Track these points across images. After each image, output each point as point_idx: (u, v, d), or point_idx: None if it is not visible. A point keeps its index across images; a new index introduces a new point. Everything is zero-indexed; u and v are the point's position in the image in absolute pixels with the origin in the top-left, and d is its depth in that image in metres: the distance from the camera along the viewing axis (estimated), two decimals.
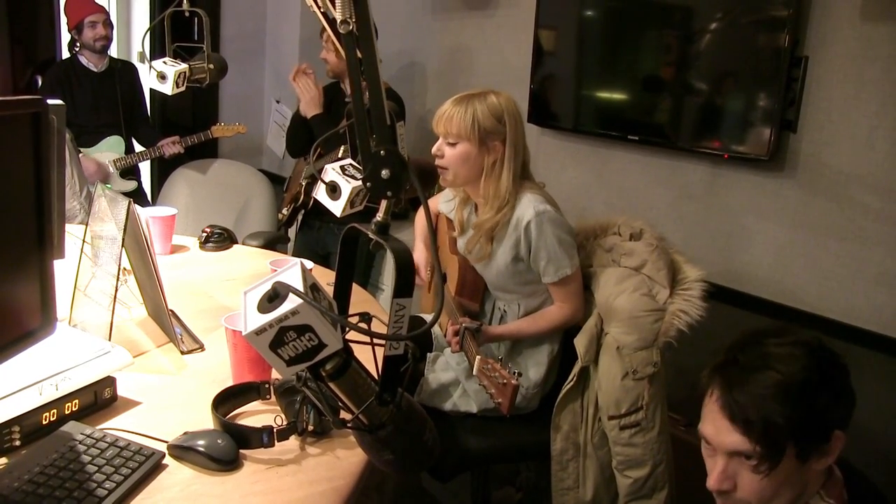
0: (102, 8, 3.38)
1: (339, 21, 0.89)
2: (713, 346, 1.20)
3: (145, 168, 4.04)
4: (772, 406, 1.06)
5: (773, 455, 1.07)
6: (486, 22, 3.33)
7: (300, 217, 3.37)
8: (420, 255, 2.23)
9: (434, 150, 1.89)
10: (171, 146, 3.47)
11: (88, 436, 1.15)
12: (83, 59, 3.38)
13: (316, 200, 3.92)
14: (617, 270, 1.93)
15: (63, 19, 3.47)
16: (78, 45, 3.37)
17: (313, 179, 3.32)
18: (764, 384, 1.08)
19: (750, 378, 1.09)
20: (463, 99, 1.86)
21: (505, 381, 1.63)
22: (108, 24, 3.36)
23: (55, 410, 1.20)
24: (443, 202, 2.17)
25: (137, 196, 3.54)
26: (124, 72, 3.53)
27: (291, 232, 3.43)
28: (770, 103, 2.31)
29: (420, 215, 2.36)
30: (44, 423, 1.19)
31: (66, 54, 3.56)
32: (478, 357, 1.74)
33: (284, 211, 3.42)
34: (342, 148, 2.74)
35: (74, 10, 3.31)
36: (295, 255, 3.08)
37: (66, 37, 3.56)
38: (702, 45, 2.52)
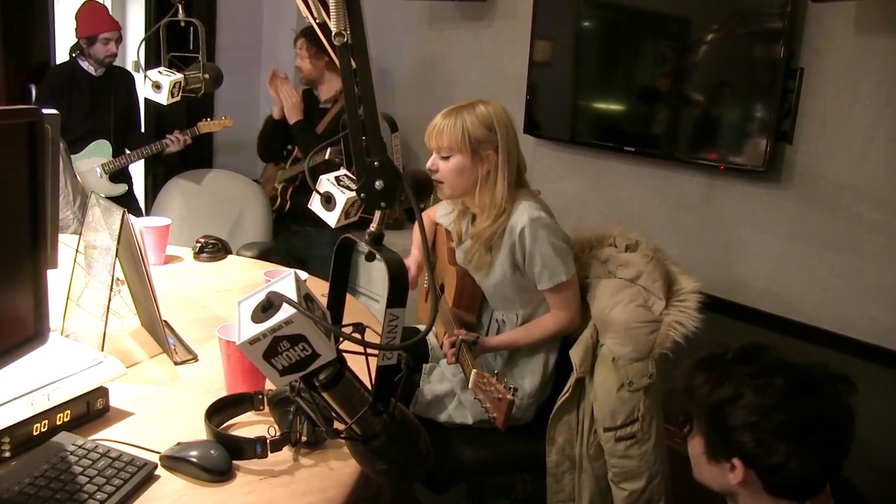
0: (118, 25, 3.37)
1: (333, 33, 0.89)
2: None
3: (139, 178, 4.03)
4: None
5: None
6: (482, 33, 3.34)
7: (272, 221, 3.43)
8: (412, 260, 2.22)
9: (428, 165, 1.90)
10: (175, 138, 3.46)
11: (80, 447, 1.14)
12: (84, 64, 3.37)
13: (293, 204, 3.89)
14: (612, 282, 1.93)
15: (58, 23, 3.46)
16: (81, 50, 3.35)
17: (289, 183, 3.39)
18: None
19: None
20: (452, 112, 1.87)
21: (500, 395, 1.62)
22: (119, 41, 3.37)
23: (46, 421, 1.19)
24: (440, 214, 2.17)
25: (128, 200, 3.51)
26: (121, 78, 3.53)
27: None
28: (765, 115, 2.32)
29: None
30: (35, 433, 1.17)
31: (61, 58, 3.54)
32: (473, 371, 1.73)
33: None
34: (329, 150, 2.79)
35: (91, 23, 3.29)
36: None
37: (60, 41, 3.54)
38: (697, 56, 2.53)
